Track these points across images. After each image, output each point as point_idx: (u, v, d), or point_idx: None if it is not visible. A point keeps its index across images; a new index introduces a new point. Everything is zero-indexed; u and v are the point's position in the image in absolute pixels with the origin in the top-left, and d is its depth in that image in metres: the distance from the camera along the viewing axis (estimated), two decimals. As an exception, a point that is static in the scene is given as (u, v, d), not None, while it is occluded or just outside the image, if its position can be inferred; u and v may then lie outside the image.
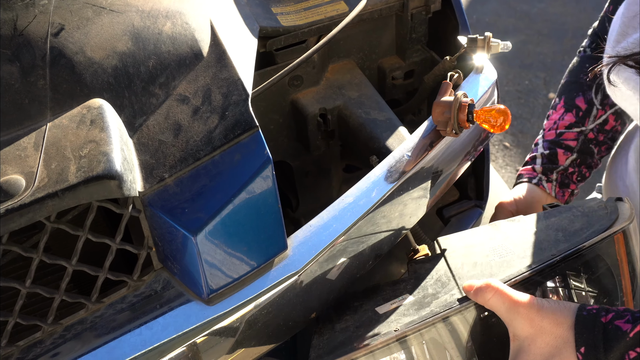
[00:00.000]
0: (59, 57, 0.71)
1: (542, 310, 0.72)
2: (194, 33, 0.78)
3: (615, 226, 0.81)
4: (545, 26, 3.35)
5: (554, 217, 0.87)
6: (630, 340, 0.67)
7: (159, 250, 0.70)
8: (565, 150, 1.07)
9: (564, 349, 0.70)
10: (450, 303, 0.75)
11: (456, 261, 0.84)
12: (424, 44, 1.11)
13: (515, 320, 0.72)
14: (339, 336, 0.77)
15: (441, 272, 0.83)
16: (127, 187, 0.64)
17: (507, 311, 0.72)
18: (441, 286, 0.80)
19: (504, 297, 0.72)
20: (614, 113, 1.08)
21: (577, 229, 0.83)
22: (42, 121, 0.68)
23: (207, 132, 0.71)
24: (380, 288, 0.85)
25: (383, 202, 0.79)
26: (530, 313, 0.71)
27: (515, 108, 2.88)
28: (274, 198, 0.71)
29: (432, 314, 0.74)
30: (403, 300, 0.80)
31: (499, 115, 0.78)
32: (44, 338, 0.67)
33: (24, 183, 0.62)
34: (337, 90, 1.04)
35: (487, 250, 0.84)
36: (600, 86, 1.05)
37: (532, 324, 0.71)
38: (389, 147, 0.95)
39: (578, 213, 0.86)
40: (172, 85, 0.74)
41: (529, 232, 0.85)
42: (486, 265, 0.81)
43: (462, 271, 0.82)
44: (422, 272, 0.85)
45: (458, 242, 0.89)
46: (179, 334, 0.68)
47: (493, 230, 0.89)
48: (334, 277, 0.78)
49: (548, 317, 0.71)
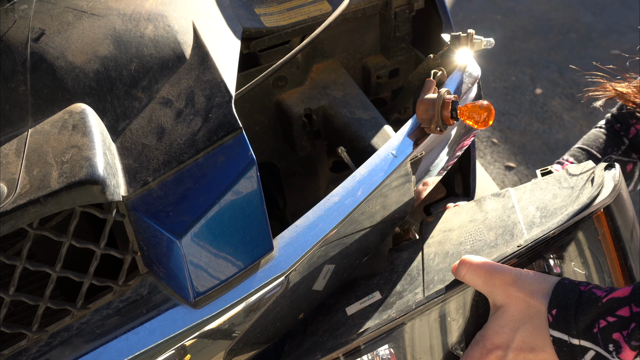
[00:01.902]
0: (39, 62, 0.71)
1: (518, 281, 0.71)
2: (177, 36, 0.77)
3: (594, 205, 0.75)
4: (531, 22, 3.37)
5: (539, 191, 0.83)
6: (602, 306, 0.66)
7: (144, 255, 0.69)
8: None
9: (535, 317, 0.70)
10: (408, 308, 0.74)
11: (430, 250, 0.83)
12: (409, 43, 1.11)
13: (492, 292, 0.72)
14: (307, 341, 0.77)
15: (414, 264, 0.81)
16: (110, 192, 0.64)
17: (484, 284, 0.73)
18: (409, 282, 0.78)
19: (479, 271, 0.73)
20: None
21: (557, 208, 0.78)
22: (24, 127, 0.67)
23: (190, 135, 0.71)
24: (356, 283, 0.83)
25: (369, 201, 0.79)
26: (507, 283, 0.71)
27: (502, 104, 2.90)
28: (259, 199, 0.70)
29: (388, 320, 0.73)
30: (372, 298, 0.78)
31: (482, 111, 0.78)
32: (29, 346, 0.66)
33: (6, 190, 0.61)
34: (322, 90, 1.04)
35: (463, 237, 0.82)
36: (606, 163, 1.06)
37: (507, 294, 0.71)
38: (374, 146, 0.95)
39: (565, 185, 0.81)
40: (155, 88, 0.74)
41: (509, 211, 0.82)
42: (456, 257, 0.79)
43: (432, 264, 0.80)
44: (397, 264, 0.84)
45: (439, 225, 0.87)
46: (166, 338, 0.67)
47: (476, 209, 0.86)
48: (321, 277, 0.78)
49: (524, 287, 0.71)
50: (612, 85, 0.93)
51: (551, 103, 2.91)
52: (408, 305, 0.74)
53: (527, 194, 0.84)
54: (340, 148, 0.90)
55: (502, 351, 0.70)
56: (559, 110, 2.87)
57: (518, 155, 2.66)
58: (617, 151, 1.07)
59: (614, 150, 1.07)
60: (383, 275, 0.82)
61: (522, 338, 0.70)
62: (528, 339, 0.69)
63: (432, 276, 0.77)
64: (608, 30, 3.26)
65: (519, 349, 0.70)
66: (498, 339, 0.71)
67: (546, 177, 0.87)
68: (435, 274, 0.77)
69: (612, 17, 3.34)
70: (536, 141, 2.72)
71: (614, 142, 1.09)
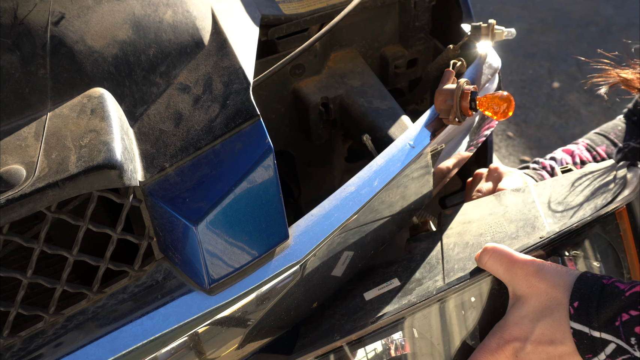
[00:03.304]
0: (59, 45, 0.71)
1: (540, 271, 0.71)
2: (195, 21, 0.77)
3: (617, 201, 0.76)
4: (550, 15, 3.33)
5: (560, 187, 0.83)
6: (625, 300, 0.65)
7: (160, 240, 0.69)
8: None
9: (555, 310, 0.69)
10: (428, 293, 0.73)
11: (449, 241, 0.82)
12: (427, 32, 1.10)
13: (513, 280, 0.72)
14: (324, 323, 0.77)
15: (433, 254, 0.81)
16: (127, 177, 0.64)
17: (505, 272, 0.72)
18: (428, 270, 0.78)
19: (502, 259, 0.72)
20: None
21: (579, 203, 0.78)
22: (43, 110, 0.67)
23: (208, 121, 0.70)
24: (374, 271, 0.83)
25: (385, 191, 0.78)
26: (528, 274, 0.71)
27: (519, 97, 2.87)
28: (276, 187, 0.70)
29: (409, 304, 0.73)
30: (391, 285, 0.78)
31: (502, 102, 0.77)
32: (45, 328, 0.67)
33: (25, 173, 0.61)
34: (339, 79, 1.03)
35: (483, 228, 0.82)
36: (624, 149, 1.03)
37: (529, 284, 0.71)
38: (391, 136, 0.94)
39: (586, 182, 0.82)
40: (173, 74, 0.74)
41: (530, 205, 0.82)
42: (476, 247, 0.79)
43: (452, 253, 0.79)
44: (415, 253, 0.84)
45: (458, 217, 0.87)
46: (181, 324, 0.67)
47: (495, 203, 0.86)
48: (336, 266, 0.78)
49: (546, 279, 0.71)
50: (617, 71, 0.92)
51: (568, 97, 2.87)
52: (428, 292, 0.74)
53: (548, 189, 0.84)
54: (366, 136, 0.90)
55: (521, 343, 0.70)
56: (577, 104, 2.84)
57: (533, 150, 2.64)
58: (636, 139, 1.05)
59: (632, 138, 1.05)
60: (401, 264, 0.82)
61: (542, 330, 0.69)
62: (548, 331, 0.69)
63: (452, 265, 0.77)
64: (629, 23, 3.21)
65: (537, 341, 0.69)
66: (517, 330, 0.71)
67: (567, 175, 0.86)
68: (455, 262, 0.77)
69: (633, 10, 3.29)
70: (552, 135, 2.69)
71: (633, 130, 1.07)
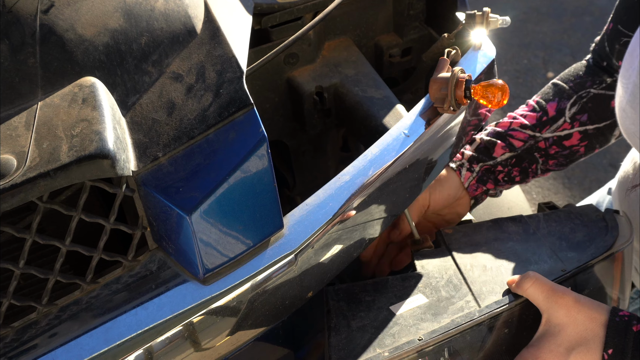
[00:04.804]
0: (49, 34, 0.70)
1: (578, 303, 0.75)
2: (187, 9, 0.76)
3: (617, 245, 0.84)
4: (544, 4, 3.32)
5: (554, 223, 0.90)
6: None
7: (154, 230, 0.69)
8: (506, 145, 0.99)
9: (591, 341, 0.73)
10: (470, 314, 0.77)
11: (464, 261, 0.86)
12: (422, 21, 1.09)
13: (552, 309, 0.76)
14: (358, 337, 0.78)
15: (451, 272, 0.84)
16: (120, 166, 0.63)
17: (545, 299, 0.76)
18: (454, 289, 0.82)
19: (543, 287, 0.76)
20: (582, 132, 1.00)
21: (580, 241, 0.86)
22: (33, 100, 0.67)
23: (201, 110, 0.70)
24: (390, 283, 0.85)
25: (380, 181, 0.78)
26: (568, 304, 0.75)
27: (513, 88, 2.87)
28: (270, 176, 0.70)
29: (454, 324, 0.76)
30: (417, 301, 0.81)
31: (497, 91, 0.77)
32: (39, 319, 0.66)
33: (15, 163, 0.61)
34: (334, 68, 1.03)
35: (495, 252, 0.86)
36: (581, 99, 1.00)
37: (568, 313, 0.75)
38: (386, 125, 0.94)
39: (578, 222, 0.90)
40: (165, 62, 0.73)
41: (531, 237, 0.88)
42: (496, 271, 0.83)
43: (473, 274, 0.83)
44: (430, 269, 0.86)
45: (462, 237, 0.91)
46: (175, 314, 0.67)
47: (496, 229, 0.91)
48: (331, 256, 0.78)
49: (584, 311, 0.75)
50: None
51: (563, 87, 2.87)
52: (469, 313, 0.77)
53: (543, 223, 0.91)
54: None
55: None
56: (571, 94, 2.84)
57: (528, 139, 2.64)
58: (598, 85, 1.01)
59: (594, 84, 1.01)
60: (419, 279, 0.84)
61: (576, 359, 0.73)
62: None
63: (479, 287, 0.81)
64: (623, 13, 3.21)
65: None
66: (552, 358, 0.74)
67: (556, 211, 0.94)
68: (481, 285, 0.81)
69: (627, 0, 3.28)
70: (547, 125, 2.70)
71: (597, 74, 1.03)
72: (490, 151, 1.00)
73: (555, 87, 1.05)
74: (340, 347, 0.77)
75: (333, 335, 0.78)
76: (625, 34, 0.95)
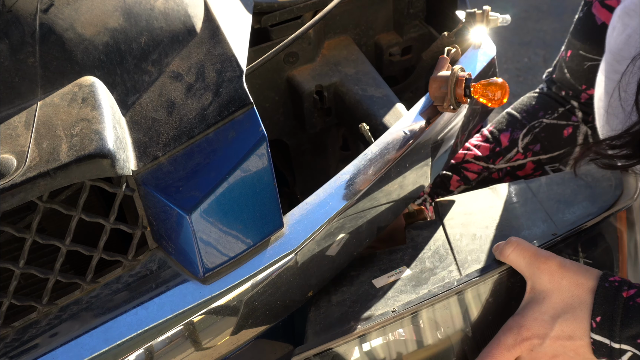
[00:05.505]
0: (48, 33, 0.70)
1: (563, 268, 0.71)
2: (187, 9, 0.76)
3: (619, 204, 0.80)
4: (545, 2, 3.32)
5: (556, 185, 0.86)
6: None
7: (154, 230, 0.69)
8: (461, 179, 1.00)
9: (578, 308, 0.69)
10: (449, 284, 0.75)
11: (454, 231, 0.83)
12: (422, 20, 1.09)
13: (535, 275, 0.72)
14: (335, 310, 0.77)
15: (439, 243, 0.82)
16: (120, 166, 0.63)
17: (527, 265, 0.73)
18: (439, 260, 0.79)
19: (525, 252, 0.73)
20: (535, 162, 1.00)
21: (580, 203, 0.81)
22: (33, 99, 0.67)
23: (201, 110, 0.70)
24: (377, 257, 0.84)
25: (380, 180, 0.78)
26: (551, 269, 0.71)
27: (514, 86, 2.86)
28: (270, 176, 0.70)
29: (430, 294, 0.74)
30: (400, 273, 0.79)
31: (496, 89, 0.77)
32: (39, 319, 0.66)
33: (15, 162, 0.61)
34: (334, 67, 1.03)
35: (487, 221, 0.83)
36: (534, 129, 0.99)
37: (551, 279, 0.71)
38: (386, 124, 0.94)
39: (582, 183, 0.85)
40: (165, 62, 0.73)
41: (529, 201, 0.84)
42: (485, 239, 0.80)
43: (460, 244, 0.80)
44: (419, 241, 0.84)
45: (457, 207, 0.88)
46: (175, 313, 0.67)
47: (493, 196, 0.88)
48: (331, 255, 0.78)
49: (568, 276, 0.71)
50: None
51: (563, 85, 2.87)
52: (448, 282, 0.75)
53: (544, 187, 0.86)
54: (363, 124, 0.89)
55: (539, 339, 0.70)
56: (572, 92, 2.84)
57: (529, 138, 2.64)
58: (550, 115, 1.01)
59: (546, 114, 1.01)
60: (406, 252, 0.83)
61: (562, 327, 0.70)
62: (567, 328, 0.69)
63: (464, 256, 0.78)
64: (623, 11, 3.21)
65: (556, 337, 0.70)
66: (537, 326, 0.70)
67: (560, 174, 0.89)
68: (467, 254, 0.78)
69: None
70: (547, 123, 2.70)
71: (548, 104, 1.03)
72: (446, 185, 1.01)
73: (508, 117, 1.05)
74: (317, 321, 0.76)
75: (313, 310, 0.78)
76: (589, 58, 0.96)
